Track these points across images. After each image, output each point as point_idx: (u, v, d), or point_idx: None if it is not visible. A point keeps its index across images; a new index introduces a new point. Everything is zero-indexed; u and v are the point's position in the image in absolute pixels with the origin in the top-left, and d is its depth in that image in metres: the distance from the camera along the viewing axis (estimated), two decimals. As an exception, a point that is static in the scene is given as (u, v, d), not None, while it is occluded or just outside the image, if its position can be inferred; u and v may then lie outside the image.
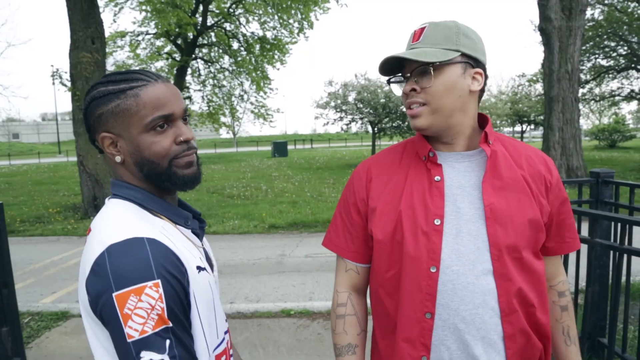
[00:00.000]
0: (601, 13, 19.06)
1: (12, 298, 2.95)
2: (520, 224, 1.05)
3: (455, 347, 1.04)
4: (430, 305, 1.05)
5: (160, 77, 0.96)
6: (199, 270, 0.93)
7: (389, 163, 1.18)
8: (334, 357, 1.22)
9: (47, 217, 9.63)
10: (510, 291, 1.04)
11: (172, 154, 0.93)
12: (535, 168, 1.12)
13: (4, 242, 2.90)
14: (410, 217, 1.07)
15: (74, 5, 9.31)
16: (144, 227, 0.88)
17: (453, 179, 1.09)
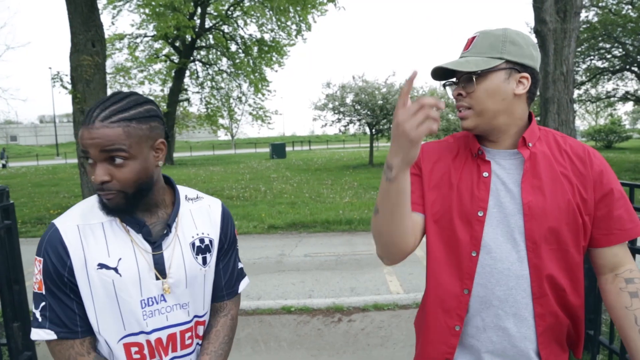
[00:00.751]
0: (595, 15, 19.24)
1: (22, 294, 3.06)
2: (556, 219, 1.15)
3: (489, 320, 1.20)
4: (468, 283, 1.20)
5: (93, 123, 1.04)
6: (99, 267, 1.10)
7: (443, 151, 1.31)
8: (335, 350, 1.34)
9: (48, 218, 9.72)
10: (541, 278, 1.16)
11: (96, 187, 1.09)
12: (575, 164, 1.20)
13: (15, 240, 3.00)
14: (458, 205, 1.21)
15: (75, 9, 9.41)
16: (68, 217, 1.15)
17: (499, 175, 1.21)
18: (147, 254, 1.16)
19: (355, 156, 28.99)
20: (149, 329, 1.16)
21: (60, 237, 1.11)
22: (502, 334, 1.20)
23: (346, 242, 7.18)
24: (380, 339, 3.61)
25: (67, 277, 1.10)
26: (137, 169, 1.09)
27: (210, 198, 1.35)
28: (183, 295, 1.21)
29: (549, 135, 1.25)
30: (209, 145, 54.52)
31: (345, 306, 4.25)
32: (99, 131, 1.04)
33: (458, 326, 1.22)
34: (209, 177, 17.98)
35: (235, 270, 1.36)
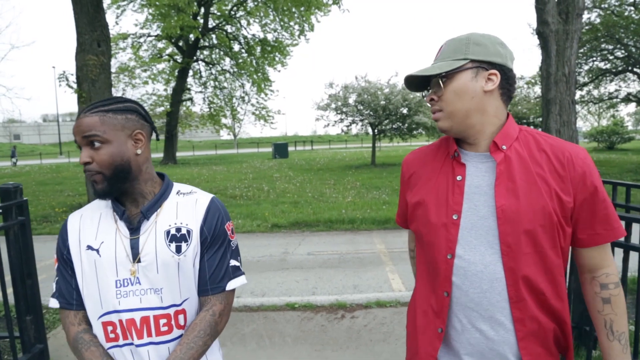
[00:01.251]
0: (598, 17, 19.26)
1: (35, 288, 3.15)
2: (531, 222, 1.15)
3: (466, 321, 1.22)
4: (447, 286, 1.23)
5: (81, 115, 1.26)
6: (87, 248, 1.30)
7: (426, 157, 1.37)
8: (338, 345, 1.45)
9: (54, 216, 9.81)
10: (518, 282, 1.16)
11: (84, 171, 1.27)
12: (554, 165, 1.18)
13: (28, 235, 3.09)
14: (434, 209, 1.25)
15: (81, 9, 9.50)
16: (83, 208, 1.40)
17: (473, 179, 1.23)
18: (126, 239, 1.30)
19: (358, 156, 29.05)
20: (121, 307, 1.27)
21: (66, 224, 1.37)
22: (480, 336, 1.21)
23: (349, 240, 7.26)
24: (383, 335, 3.69)
25: (66, 255, 1.33)
26: (112, 152, 1.25)
27: (203, 193, 1.41)
28: (156, 280, 1.28)
29: (528, 136, 1.24)
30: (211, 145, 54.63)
31: (348, 303, 4.33)
32: (81, 120, 1.25)
33: (441, 328, 1.25)
34: (212, 176, 18.07)
35: (224, 266, 1.37)
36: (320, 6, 18.72)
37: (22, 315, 3.06)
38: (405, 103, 19.63)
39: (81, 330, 1.31)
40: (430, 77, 1.25)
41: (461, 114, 1.21)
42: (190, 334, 1.30)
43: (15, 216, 3.00)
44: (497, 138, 1.21)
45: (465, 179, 1.23)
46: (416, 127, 20.50)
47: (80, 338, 1.30)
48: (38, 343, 3.18)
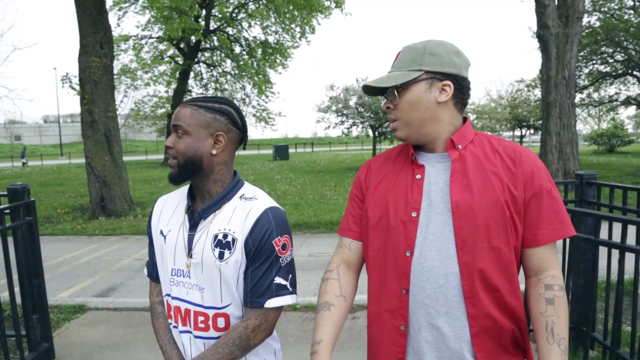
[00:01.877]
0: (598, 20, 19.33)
1: (41, 288, 3.20)
2: (485, 216, 1.17)
3: (423, 319, 1.22)
4: (405, 283, 1.23)
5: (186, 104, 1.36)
6: (160, 233, 1.43)
7: (386, 161, 1.38)
8: (339, 345, 1.44)
9: (56, 217, 9.86)
10: (472, 277, 1.17)
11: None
12: (506, 163, 1.22)
13: (35, 235, 3.14)
14: (394, 209, 1.26)
15: (84, 11, 9.57)
16: (173, 192, 1.51)
17: (431, 177, 1.26)
18: (186, 233, 1.37)
19: (358, 158, 29.10)
20: (173, 294, 1.38)
21: (154, 205, 1.52)
22: (436, 333, 1.21)
23: (349, 242, 7.29)
24: (383, 335, 3.73)
25: (150, 234, 1.49)
26: (188, 143, 1.33)
27: (261, 202, 1.38)
28: (201, 279, 1.34)
29: (483, 139, 1.29)
30: (212, 147, 54.51)
31: (349, 304, 4.37)
32: (179, 109, 1.36)
33: (403, 326, 1.24)
34: (212, 178, 18.07)
35: (267, 283, 1.33)
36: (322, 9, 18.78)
37: (28, 314, 3.11)
38: (405, 105, 19.64)
39: (157, 301, 1.50)
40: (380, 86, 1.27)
41: (416, 123, 1.25)
42: (222, 339, 1.32)
43: (23, 216, 3.06)
44: (454, 137, 1.25)
45: (424, 177, 1.26)
46: (417, 130, 20.49)
47: (154, 308, 1.50)
48: (44, 342, 3.23)
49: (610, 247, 2.59)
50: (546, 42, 12.15)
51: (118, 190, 10.10)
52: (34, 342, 3.14)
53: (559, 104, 12.31)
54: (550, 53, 12.16)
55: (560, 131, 12.35)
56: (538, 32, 12.33)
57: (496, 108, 28.15)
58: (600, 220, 2.42)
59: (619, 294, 2.37)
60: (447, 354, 1.20)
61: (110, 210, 9.89)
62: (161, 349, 1.44)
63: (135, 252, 7.06)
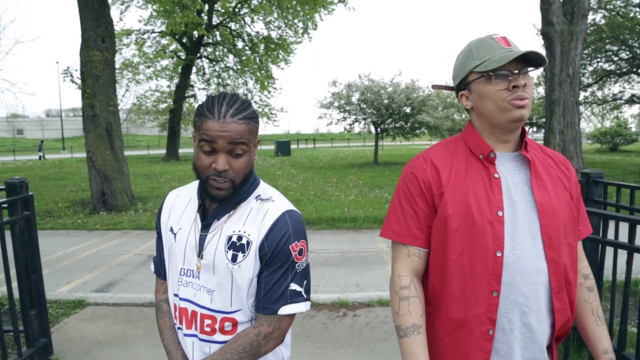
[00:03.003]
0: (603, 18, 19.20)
1: (39, 283, 3.17)
2: (563, 214, 1.24)
3: (516, 319, 1.21)
4: (496, 285, 1.20)
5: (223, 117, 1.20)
6: (169, 230, 1.37)
7: (449, 157, 1.31)
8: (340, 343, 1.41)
9: (57, 211, 9.84)
10: (559, 271, 1.22)
11: (208, 174, 1.23)
12: (561, 168, 1.33)
13: (33, 230, 3.11)
14: (477, 208, 1.22)
15: (86, 5, 9.51)
16: (183, 187, 1.46)
17: (507, 176, 1.25)
18: (197, 232, 1.32)
19: (360, 155, 29.04)
20: (180, 295, 1.33)
21: (164, 199, 1.46)
22: (526, 331, 1.22)
23: (351, 239, 7.27)
24: (385, 334, 3.70)
25: (159, 229, 1.44)
26: (248, 161, 1.26)
27: (278, 204, 1.32)
28: (210, 281, 1.28)
29: (532, 143, 1.33)
30: (214, 142, 54.54)
31: (350, 301, 4.34)
32: (231, 126, 1.20)
33: (491, 330, 1.22)
34: (214, 173, 18.05)
35: (282, 289, 1.27)
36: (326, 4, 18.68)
37: (26, 309, 3.08)
38: (408, 102, 19.62)
39: (162, 299, 1.46)
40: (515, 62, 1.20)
41: (530, 107, 1.26)
42: (231, 345, 1.27)
43: (21, 211, 3.02)
44: (527, 139, 1.29)
45: (500, 176, 1.25)
46: (419, 127, 20.48)
47: (159, 306, 1.46)
48: (42, 337, 3.20)
49: (618, 247, 2.54)
50: (551, 40, 12.07)
51: (119, 185, 10.07)
52: (32, 337, 3.11)
53: (563, 102, 12.23)
54: (555, 50, 12.07)
55: (563, 129, 12.28)
56: (542, 29, 12.24)
57: (499, 105, 27.99)
58: (607, 220, 2.38)
59: (626, 295, 2.32)
60: (532, 350, 1.24)
61: (111, 204, 9.86)
62: (165, 348, 1.40)
63: (136, 247, 7.03)
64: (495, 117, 1.23)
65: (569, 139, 12.27)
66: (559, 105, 12.21)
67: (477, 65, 1.23)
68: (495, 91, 1.20)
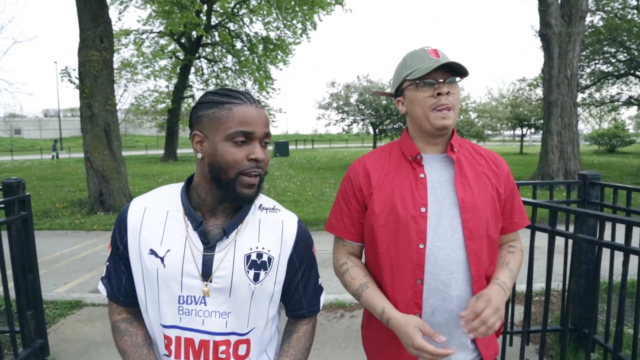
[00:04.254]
0: (601, 20, 19.25)
1: (36, 283, 3.16)
2: (485, 210, 1.35)
3: (437, 304, 1.34)
4: (420, 274, 1.34)
5: (256, 102, 1.13)
6: (150, 252, 1.14)
7: (381, 161, 1.45)
8: (337, 344, 1.45)
9: (54, 211, 9.82)
10: (479, 262, 1.34)
11: (241, 168, 1.09)
12: (491, 166, 1.43)
13: (30, 230, 3.10)
14: (402, 206, 1.34)
15: (84, 4, 9.50)
16: (146, 197, 1.23)
17: (432, 176, 1.38)
18: (198, 253, 1.14)
19: (358, 155, 28.95)
20: (182, 325, 1.16)
21: (125, 213, 1.20)
22: (448, 316, 1.34)
23: (349, 240, 7.27)
24: (382, 335, 3.70)
25: (122, 250, 1.20)
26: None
27: (287, 213, 1.29)
28: (224, 304, 1.16)
29: (466, 144, 1.46)
30: (212, 142, 54.50)
31: (347, 302, 4.34)
32: (262, 112, 1.13)
33: (418, 314, 1.35)
34: (212, 173, 18.04)
35: (315, 288, 1.33)
36: (324, 5, 18.70)
37: (22, 310, 3.07)
38: (406, 103, 19.63)
39: (119, 320, 1.25)
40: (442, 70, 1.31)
41: (456, 115, 1.37)
42: (297, 345, 1.29)
43: (18, 211, 3.01)
44: (453, 140, 1.40)
45: (426, 176, 1.37)
46: (417, 128, 20.49)
47: (116, 327, 1.24)
48: (38, 338, 3.19)
49: (614, 249, 2.55)
50: (549, 41, 12.09)
51: (117, 185, 10.05)
52: (28, 338, 3.11)
53: (561, 104, 12.26)
54: (553, 52, 12.10)
55: (561, 131, 12.30)
56: (541, 30, 12.27)
57: (497, 107, 28.09)
58: (604, 222, 2.38)
59: (622, 296, 2.33)
60: (457, 334, 1.36)
61: (108, 205, 9.85)
62: None
63: (133, 247, 7.02)
64: (422, 122, 1.35)
65: (567, 140, 12.29)
66: (557, 107, 12.24)
67: (408, 73, 1.35)
68: (422, 97, 1.33)
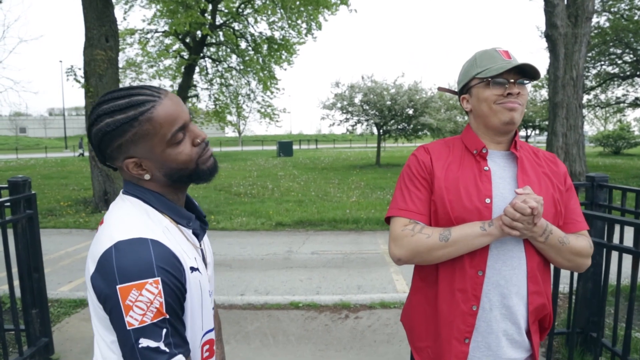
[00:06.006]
0: (607, 21, 19.15)
1: (41, 282, 3.16)
2: (546, 208, 1.34)
3: (496, 299, 1.34)
4: (482, 265, 1.34)
5: (162, 92, 1.01)
6: (192, 271, 1.02)
7: (443, 152, 1.47)
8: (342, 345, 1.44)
9: (59, 210, 9.85)
10: (534, 258, 1.35)
11: (196, 156, 1.03)
12: (550, 166, 1.45)
13: (36, 229, 3.10)
14: (467, 196, 1.35)
15: (90, 3, 9.52)
16: (150, 227, 0.98)
17: (496, 171, 1.39)
18: (198, 249, 1.10)
19: (362, 156, 29.01)
20: (208, 327, 1.13)
21: (167, 248, 0.96)
22: (506, 312, 1.34)
23: (353, 240, 7.25)
24: (387, 336, 3.68)
25: (185, 288, 1.00)
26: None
27: None
28: (211, 282, 1.18)
29: (525, 145, 1.49)
30: (216, 142, 54.71)
31: (352, 303, 4.33)
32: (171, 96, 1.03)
33: (475, 306, 1.34)
34: (216, 173, 18.05)
35: None
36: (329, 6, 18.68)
37: (28, 308, 3.07)
38: (411, 104, 19.59)
39: None
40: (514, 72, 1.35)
41: (523, 114, 1.40)
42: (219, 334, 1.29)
43: (24, 209, 3.02)
44: (517, 139, 1.43)
45: (490, 170, 1.39)
46: (421, 128, 20.45)
47: None
48: (43, 336, 3.19)
49: (623, 251, 2.53)
50: (554, 42, 12.03)
51: (121, 184, 10.04)
52: (33, 336, 3.10)
53: (566, 105, 12.19)
54: (559, 53, 12.04)
55: (566, 132, 12.24)
56: (546, 31, 12.20)
57: (502, 108, 27.95)
58: (612, 224, 2.36)
59: (632, 300, 2.31)
60: (512, 330, 1.36)
61: (113, 204, 9.86)
62: None
63: (138, 246, 7.03)
64: (489, 119, 1.38)
65: (572, 141, 12.23)
66: (562, 108, 12.18)
67: (479, 72, 1.38)
68: (492, 95, 1.36)
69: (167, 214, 1.04)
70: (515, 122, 1.35)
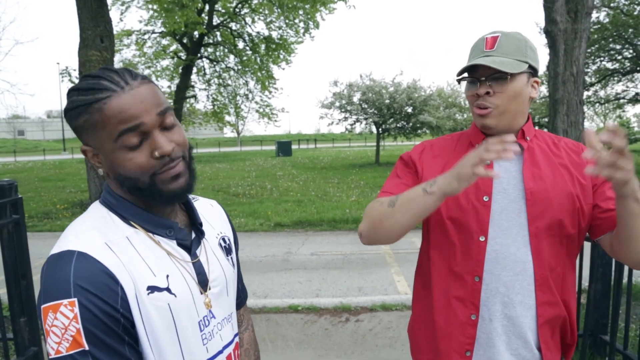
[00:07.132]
0: (607, 16, 19.06)
1: (30, 289, 3.04)
2: (559, 207, 1.17)
3: (496, 309, 1.19)
4: (479, 270, 1.19)
5: (129, 84, 0.83)
6: (151, 291, 0.84)
7: (444, 148, 1.34)
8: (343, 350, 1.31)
9: (55, 213, 9.74)
10: (544, 264, 1.18)
11: (151, 170, 0.84)
12: (571, 156, 1.25)
13: (23, 234, 2.99)
14: (463, 193, 1.19)
15: (84, 4, 9.41)
16: (91, 238, 0.83)
17: (501, 165, 1.23)
18: (187, 264, 0.93)
19: (362, 155, 28.92)
20: (210, 354, 0.94)
21: (97, 264, 0.79)
22: (508, 323, 1.19)
23: (353, 241, 7.14)
24: (389, 340, 3.57)
25: (122, 312, 0.80)
26: (183, 131, 0.91)
27: (205, 198, 1.16)
28: (227, 305, 1.01)
29: (543, 135, 1.32)
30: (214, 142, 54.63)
31: (352, 306, 4.22)
32: (145, 89, 0.83)
33: (474, 315, 1.21)
34: (214, 173, 18.00)
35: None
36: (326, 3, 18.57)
37: (16, 316, 2.96)
38: (409, 102, 19.52)
39: None
40: (482, 67, 1.19)
41: (511, 114, 1.21)
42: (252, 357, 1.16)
43: (10, 214, 2.90)
44: (525, 127, 1.26)
45: (492, 163, 1.23)
46: (420, 126, 20.38)
47: None
48: (32, 345, 3.08)
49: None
50: (554, 38, 11.91)
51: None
52: (22, 346, 2.99)
53: (567, 101, 12.07)
54: (558, 49, 11.92)
55: (567, 129, 12.12)
56: (546, 27, 12.08)
57: (501, 105, 27.94)
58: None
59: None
60: (515, 345, 1.20)
61: (110, 206, 9.76)
62: None
63: (134, 249, 6.92)
64: (475, 119, 1.26)
65: (573, 138, 12.08)
66: (563, 105, 12.06)
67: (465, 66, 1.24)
68: (468, 94, 1.24)
69: (136, 222, 0.89)
70: (488, 127, 1.20)
